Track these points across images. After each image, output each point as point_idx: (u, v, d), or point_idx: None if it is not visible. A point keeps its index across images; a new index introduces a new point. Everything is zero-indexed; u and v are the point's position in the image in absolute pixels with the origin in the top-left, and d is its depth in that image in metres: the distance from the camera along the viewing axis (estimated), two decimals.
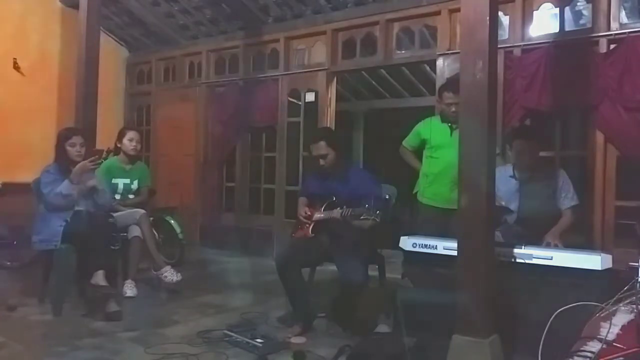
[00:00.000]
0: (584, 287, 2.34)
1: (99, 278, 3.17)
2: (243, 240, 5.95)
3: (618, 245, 3.86)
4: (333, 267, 3.10)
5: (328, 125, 5.21)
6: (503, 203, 3.15)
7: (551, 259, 2.45)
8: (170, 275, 3.88)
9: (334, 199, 3.14)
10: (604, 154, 3.85)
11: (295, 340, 2.63)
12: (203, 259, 5.59)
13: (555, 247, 2.81)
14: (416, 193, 3.84)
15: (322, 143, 3.22)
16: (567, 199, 3.14)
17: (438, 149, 3.67)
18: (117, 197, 4.14)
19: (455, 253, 2.62)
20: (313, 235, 3.14)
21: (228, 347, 2.76)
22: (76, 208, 3.50)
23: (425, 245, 2.79)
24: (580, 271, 2.37)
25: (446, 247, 2.71)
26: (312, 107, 5.43)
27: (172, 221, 5.09)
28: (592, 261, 2.36)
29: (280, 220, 5.72)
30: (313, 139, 3.31)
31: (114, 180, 4.13)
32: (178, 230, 5.07)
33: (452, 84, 3.70)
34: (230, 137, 6.08)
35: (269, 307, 3.62)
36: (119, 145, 4.20)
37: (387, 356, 2.51)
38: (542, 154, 3.98)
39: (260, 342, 2.69)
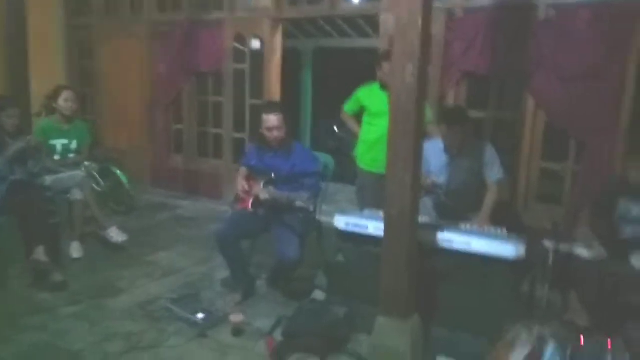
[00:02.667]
0: (500, 272, 2.60)
1: (40, 254, 3.22)
2: (192, 183, 6.04)
3: (541, 202, 4.22)
4: None
5: (274, 77, 5.16)
6: (434, 177, 3.31)
7: (469, 245, 2.67)
8: (116, 235, 3.97)
9: (273, 175, 3.21)
10: (533, 118, 4.04)
11: (234, 318, 2.82)
12: (153, 203, 5.65)
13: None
14: (355, 157, 3.97)
15: (280, 116, 3.18)
16: (493, 173, 3.32)
17: (376, 116, 3.75)
18: (57, 157, 4.06)
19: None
20: (253, 209, 3.24)
21: (170, 322, 2.93)
22: (12, 177, 3.45)
23: (357, 225, 2.96)
24: (496, 257, 2.61)
25: (376, 227, 2.88)
26: (258, 55, 5.30)
27: (118, 172, 5.09)
28: (506, 250, 2.59)
29: (228, 165, 5.80)
30: (269, 110, 3.25)
31: (52, 142, 4.02)
32: (124, 180, 5.09)
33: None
34: (176, 80, 5.90)
35: (213, 267, 3.80)
36: (54, 106, 4.04)
37: (319, 326, 2.76)
38: (475, 114, 4.17)
39: (201, 318, 2.87)
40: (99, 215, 4.00)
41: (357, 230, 2.96)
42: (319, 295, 3.23)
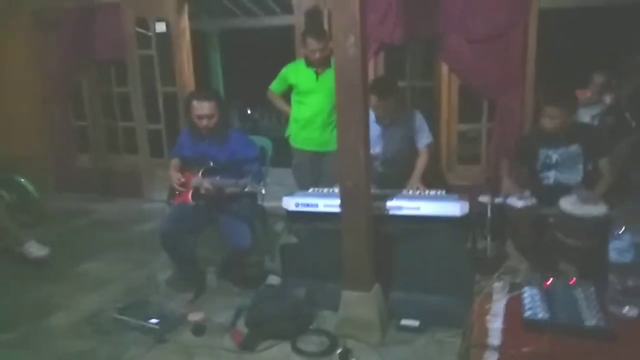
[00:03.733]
0: (448, 231, 2.73)
1: None
2: (105, 183, 5.64)
3: (462, 163, 4.49)
4: None
5: (185, 61, 4.92)
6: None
7: (418, 209, 2.77)
8: (36, 250, 3.63)
9: (212, 164, 3.08)
10: (448, 83, 4.24)
11: (193, 317, 2.71)
12: (65, 210, 5.19)
13: (418, 190, 3.15)
14: (288, 137, 3.92)
15: (213, 103, 3.03)
16: (423, 138, 3.46)
17: (306, 94, 3.72)
18: None
19: (334, 209, 2.84)
20: (194, 201, 3.09)
21: (123, 333, 2.74)
22: None
23: (307, 204, 2.94)
24: (443, 218, 2.74)
25: (326, 204, 2.89)
26: (165, 38, 5.01)
27: (22, 179, 4.62)
28: (452, 209, 2.73)
29: (145, 160, 5.50)
30: (200, 96, 3.07)
31: None
32: (31, 188, 4.63)
33: (315, 29, 3.69)
34: (72, 72, 5.42)
35: (153, 269, 3.59)
36: None
37: (283, 309, 2.74)
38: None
39: (155, 323, 2.72)
40: (14, 230, 3.62)
41: (307, 209, 2.95)
42: (273, 280, 3.19)
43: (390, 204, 2.81)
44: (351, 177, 2.48)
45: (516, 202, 2.95)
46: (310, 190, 3.26)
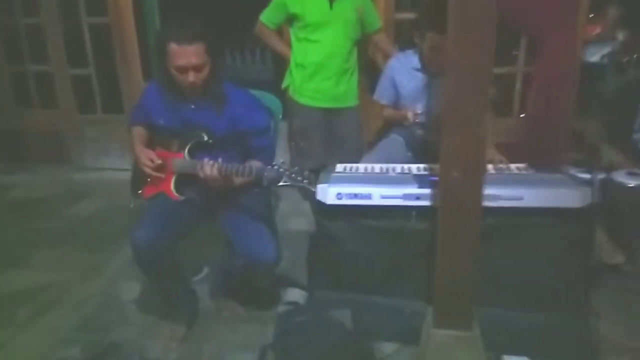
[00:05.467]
0: (564, 227, 1.94)
1: None
2: (17, 147, 4.32)
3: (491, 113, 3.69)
4: None
5: None
6: (417, 107, 2.48)
7: (522, 199, 1.94)
8: None
9: (206, 137, 2.02)
10: None
11: None
12: None
13: (500, 165, 2.31)
14: (287, 88, 2.89)
15: (202, 47, 1.88)
16: None
17: (317, 29, 2.68)
18: None
19: (396, 202, 1.97)
20: (181, 195, 2.05)
21: None
22: None
23: (356, 195, 2.01)
24: (555, 210, 1.93)
25: (384, 195, 1.98)
26: None
27: None
28: (570, 198, 1.92)
29: (70, 116, 4.23)
30: (180, 37, 1.86)
31: None
32: None
33: None
34: None
35: (111, 279, 2.56)
36: None
37: (331, 346, 1.88)
38: None
39: None
40: None
41: (354, 202, 2.01)
42: (295, 295, 2.28)
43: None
44: (460, 165, 1.57)
45: (627, 179, 2.21)
46: (340, 168, 2.31)
